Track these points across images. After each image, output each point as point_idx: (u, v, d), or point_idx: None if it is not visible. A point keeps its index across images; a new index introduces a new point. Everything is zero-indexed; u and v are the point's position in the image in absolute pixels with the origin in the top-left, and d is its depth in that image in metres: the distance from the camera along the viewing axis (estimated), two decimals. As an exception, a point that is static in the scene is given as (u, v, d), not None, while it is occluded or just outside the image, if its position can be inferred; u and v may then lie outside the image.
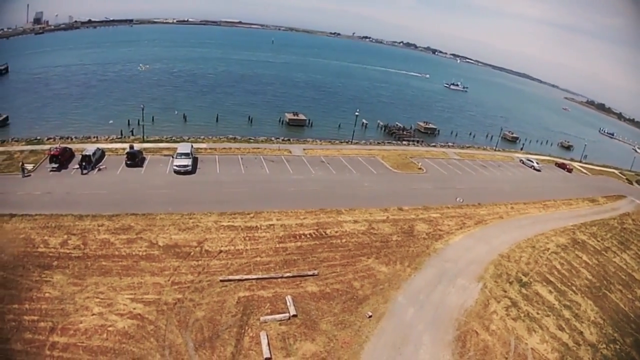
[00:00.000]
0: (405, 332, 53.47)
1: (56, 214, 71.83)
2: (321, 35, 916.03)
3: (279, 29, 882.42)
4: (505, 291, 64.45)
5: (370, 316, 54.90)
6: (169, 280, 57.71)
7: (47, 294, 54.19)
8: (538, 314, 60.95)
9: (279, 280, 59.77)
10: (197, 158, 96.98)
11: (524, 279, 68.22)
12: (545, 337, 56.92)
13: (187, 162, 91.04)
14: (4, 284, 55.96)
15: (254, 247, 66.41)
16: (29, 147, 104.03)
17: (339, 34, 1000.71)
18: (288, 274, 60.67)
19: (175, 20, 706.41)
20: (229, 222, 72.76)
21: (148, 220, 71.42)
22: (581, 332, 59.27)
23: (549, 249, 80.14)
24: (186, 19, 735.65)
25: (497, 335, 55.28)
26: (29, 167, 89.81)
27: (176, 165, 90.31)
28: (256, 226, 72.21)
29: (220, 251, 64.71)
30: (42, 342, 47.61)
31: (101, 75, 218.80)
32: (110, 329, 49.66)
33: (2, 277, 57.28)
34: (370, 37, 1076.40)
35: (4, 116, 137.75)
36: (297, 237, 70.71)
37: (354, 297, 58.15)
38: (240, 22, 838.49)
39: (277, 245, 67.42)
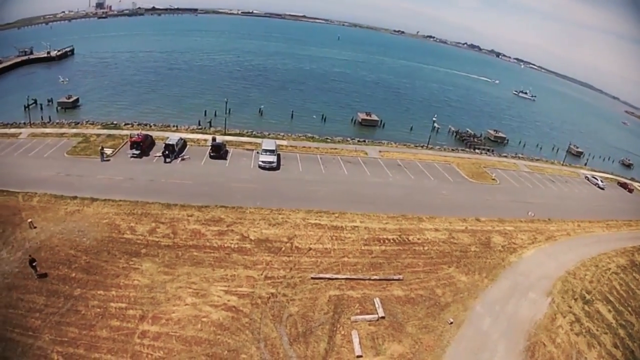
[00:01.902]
0: (482, 340, 56.09)
1: (142, 201, 75.62)
2: (385, 33, 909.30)
3: (343, 25, 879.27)
4: (570, 307, 66.13)
5: (451, 322, 57.51)
6: (262, 274, 60.63)
7: (135, 282, 57.40)
8: (597, 330, 62.58)
9: (367, 282, 62.31)
10: (279, 155, 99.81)
11: (587, 297, 69.56)
12: (602, 353, 58.81)
13: (273, 158, 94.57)
14: (87, 269, 59.36)
15: (340, 247, 68.98)
16: (106, 131, 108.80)
17: (403, 32, 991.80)
18: (375, 277, 63.26)
19: (239, 12, 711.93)
20: (315, 220, 75.58)
21: (238, 213, 74.75)
22: (632, 351, 60.76)
23: (610, 269, 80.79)
24: (251, 11, 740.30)
25: (562, 349, 57.56)
26: (108, 151, 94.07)
27: (262, 161, 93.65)
28: (342, 226, 74.72)
29: (310, 248, 67.61)
30: (131, 330, 50.48)
31: (171, 63, 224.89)
32: (204, 319, 52.42)
33: (85, 261, 60.72)
34: (434, 37, 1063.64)
35: (75, 98, 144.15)
36: (381, 241, 72.98)
37: (436, 304, 60.55)
38: (304, 16, 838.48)
39: (363, 248, 69.82)
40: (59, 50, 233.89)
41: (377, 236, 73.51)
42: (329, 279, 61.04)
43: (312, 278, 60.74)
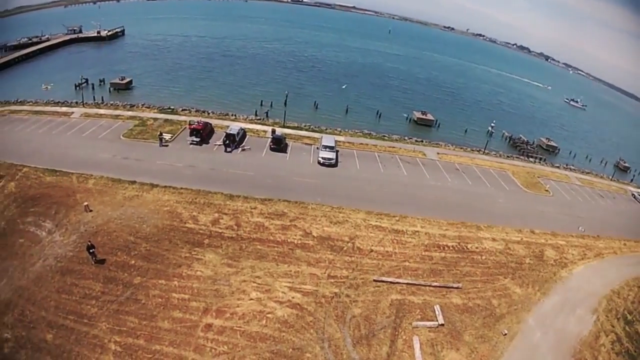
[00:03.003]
0: (532, 353, 55.51)
1: (204, 190, 76.06)
2: (435, 28, 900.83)
3: (393, 18, 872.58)
4: (613, 326, 64.69)
5: (505, 334, 57.16)
6: (325, 273, 60.50)
7: (198, 273, 57.60)
8: (635, 351, 61.36)
9: (427, 288, 61.87)
10: (338, 151, 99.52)
11: (629, 317, 68.44)
12: (638, 374, 57.79)
13: (332, 155, 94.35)
14: (147, 257, 59.69)
15: (402, 251, 68.37)
16: (162, 116, 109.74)
17: (452, 29, 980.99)
18: (435, 284, 62.76)
19: (290, 0, 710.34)
20: (376, 222, 74.95)
21: (300, 208, 74.79)
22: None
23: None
24: (301, 0, 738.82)
25: (603, 366, 56.74)
26: (167, 137, 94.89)
27: (322, 157, 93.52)
28: (402, 230, 74.00)
29: (371, 250, 67.12)
30: (195, 322, 50.71)
31: (224, 50, 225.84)
32: (269, 315, 52.46)
33: (146, 249, 61.06)
34: (483, 35, 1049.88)
35: (128, 80, 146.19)
36: (441, 247, 72.19)
37: (492, 314, 60.01)
38: (354, 7, 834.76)
39: (424, 253, 69.16)
40: (109, 31, 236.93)
41: (437, 242, 72.72)
42: (391, 282, 60.72)
43: (375, 280, 60.51)
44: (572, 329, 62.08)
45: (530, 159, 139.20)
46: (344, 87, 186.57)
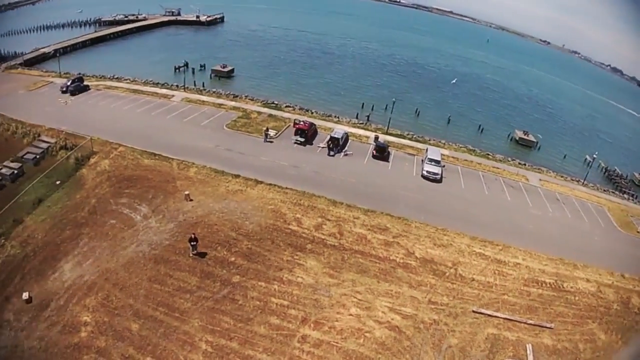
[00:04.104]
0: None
1: (308, 192, 76.00)
2: (531, 41, 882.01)
3: (490, 26, 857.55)
4: None
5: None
6: (425, 297, 59.08)
7: (299, 279, 57.20)
8: None
9: (522, 324, 59.96)
10: (444, 166, 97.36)
11: None
12: None
13: (438, 170, 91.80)
14: (248, 256, 59.67)
15: (502, 283, 66.41)
16: (267, 110, 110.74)
17: (549, 43, 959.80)
18: (530, 322, 60.65)
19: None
20: (480, 249, 72.93)
21: (403, 225, 73.33)
22: None
23: None
24: (397, 0, 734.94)
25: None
26: (272, 133, 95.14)
27: (426, 171, 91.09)
28: (505, 261, 71.76)
29: (473, 279, 65.42)
30: (292, 331, 50.16)
31: (324, 47, 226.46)
32: (367, 334, 51.45)
33: (247, 247, 61.12)
34: (579, 53, 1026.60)
35: (230, 68, 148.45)
36: (540, 284, 69.83)
37: (577, 359, 58.03)
38: (451, 12, 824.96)
39: (522, 288, 67.02)
40: (208, 16, 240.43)
41: (536, 278, 70.29)
42: (490, 315, 59.14)
43: (474, 311, 59.04)
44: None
45: (625, 195, 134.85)
46: (453, 81, 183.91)
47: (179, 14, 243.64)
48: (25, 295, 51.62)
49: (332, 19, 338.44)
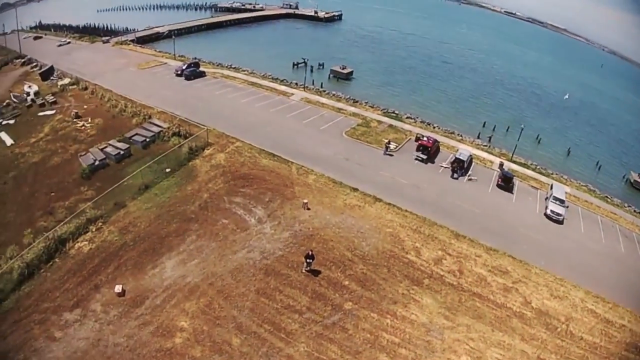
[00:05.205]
0: None
1: (430, 219, 69.47)
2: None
3: (603, 49, 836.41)
4: None
5: None
6: (535, 353, 53.44)
7: (413, 316, 52.21)
8: None
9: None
10: (568, 206, 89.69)
11: None
12: None
13: (562, 210, 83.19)
14: (362, 282, 55.20)
15: (606, 345, 59.63)
16: (387, 120, 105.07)
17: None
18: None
19: (502, 10, 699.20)
20: (592, 305, 65.17)
21: (524, 269, 66.29)
22: None
23: None
24: (514, 12, 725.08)
25: None
26: (393, 146, 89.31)
27: (550, 211, 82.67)
28: (612, 321, 63.24)
29: (582, 337, 58.92)
30: None
31: (441, 55, 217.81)
32: None
33: (362, 272, 56.59)
34: None
35: (350, 70, 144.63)
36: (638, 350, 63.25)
37: None
38: (565, 30, 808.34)
39: (622, 353, 60.00)
40: (326, 12, 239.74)
41: (636, 342, 62.22)
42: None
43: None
44: None
45: None
46: (565, 97, 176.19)
47: (296, 8, 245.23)
48: (118, 288, 49.83)
49: (447, 26, 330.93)
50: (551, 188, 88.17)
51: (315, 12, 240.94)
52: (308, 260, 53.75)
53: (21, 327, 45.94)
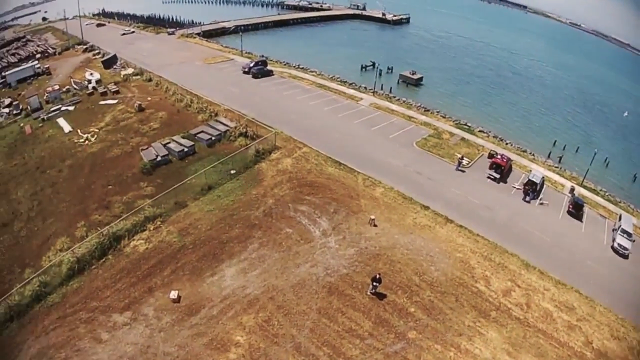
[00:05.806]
0: None
1: (501, 246, 65.44)
2: None
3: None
4: None
5: None
6: None
7: (477, 351, 49.39)
8: None
9: None
10: (634, 241, 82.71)
11: None
12: None
13: (629, 244, 76.90)
14: (429, 310, 52.51)
15: None
16: (458, 132, 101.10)
17: None
18: None
19: (568, 21, 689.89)
20: None
21: (589, 306, 61.80)
22: None
23: None
24: (578, 24, 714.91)
25: None
26: (465, 162, 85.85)
27: (618, 244, 76.82)
28: None
29: None
30: None
31: (510, 65, 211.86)
32: None
33: (429, 299, 53.94)
34: None
35: (419, 76, 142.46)
36: None
37: None
38: (628, 45, 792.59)
39: None
40: (394, 15, 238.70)
41: None
42: None
43: None
44: None
45: None
46: (625, 114, 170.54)
47: (364, 9, 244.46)
48: (173, 294, 48.61)
49: (515, 35, 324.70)
50: (619, 219, 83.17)
51: (383, 14, 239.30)
52: (375, 284, 51.54)
53: (66, 324, 45.58)
